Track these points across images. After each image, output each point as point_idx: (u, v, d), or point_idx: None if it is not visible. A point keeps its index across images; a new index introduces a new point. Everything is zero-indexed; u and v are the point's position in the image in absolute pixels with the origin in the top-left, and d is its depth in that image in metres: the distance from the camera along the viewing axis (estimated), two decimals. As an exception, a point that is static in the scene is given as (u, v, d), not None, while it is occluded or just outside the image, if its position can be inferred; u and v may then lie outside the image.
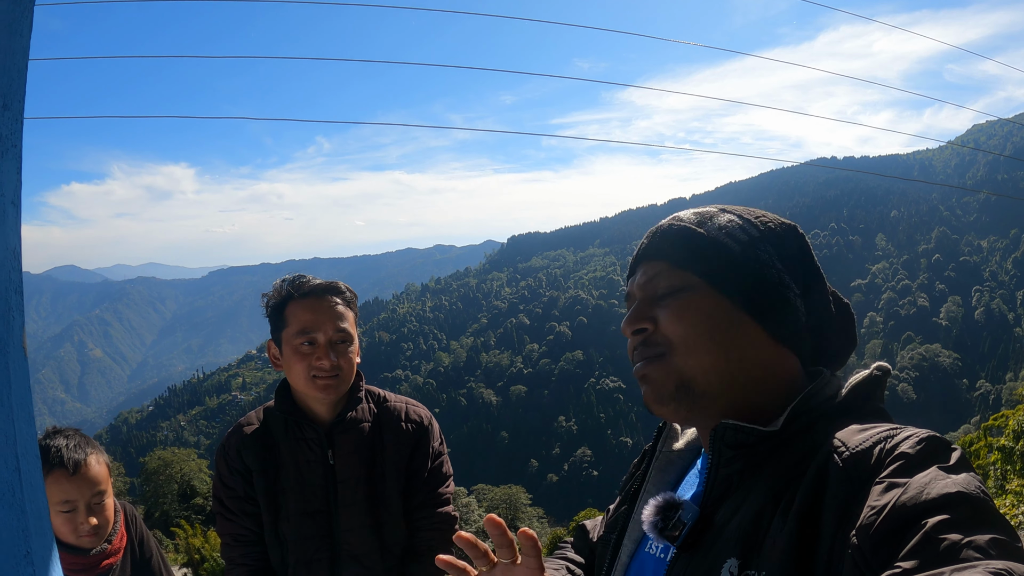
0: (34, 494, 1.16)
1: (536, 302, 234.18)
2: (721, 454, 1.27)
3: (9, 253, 1.17)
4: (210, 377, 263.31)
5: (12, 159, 1.18)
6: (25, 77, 1.22)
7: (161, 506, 42.06)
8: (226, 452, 2.77)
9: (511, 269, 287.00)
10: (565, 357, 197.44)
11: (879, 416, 1.25)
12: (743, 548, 1.13)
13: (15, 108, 1.18)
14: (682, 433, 1.59)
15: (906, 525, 0.93)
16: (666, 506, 1.29)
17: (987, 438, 10.60)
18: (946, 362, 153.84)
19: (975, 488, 0.96)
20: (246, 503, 2.72)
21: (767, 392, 1.30)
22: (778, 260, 1.36)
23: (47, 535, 1.20)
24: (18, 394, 1.15)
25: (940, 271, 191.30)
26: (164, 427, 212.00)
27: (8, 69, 1.16)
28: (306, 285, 2.69)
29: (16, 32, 1.18)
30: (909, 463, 1.02)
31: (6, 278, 1.15)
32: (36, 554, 1.14)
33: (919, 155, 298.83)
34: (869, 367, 1.34)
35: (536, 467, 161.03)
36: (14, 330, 1.16)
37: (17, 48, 1.18)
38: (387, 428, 2.80)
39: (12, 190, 1.18)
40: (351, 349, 2.70)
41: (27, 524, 1.13)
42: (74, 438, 2.68)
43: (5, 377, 1.13)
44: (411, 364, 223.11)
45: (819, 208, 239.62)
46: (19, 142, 1.20)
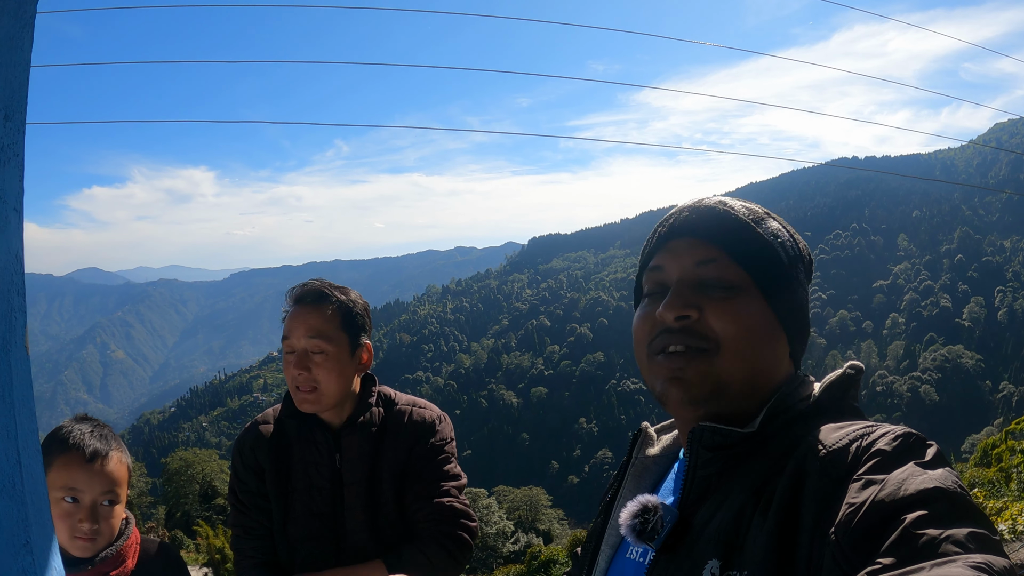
0: (35, 486, 1.19)
1: (557, 304, 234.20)
2: (699, 456, 1.27)
3: (12, 257, 1.21)
4: (231, 378, 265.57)
5: (14, 168, 1.22)
6: (27, 89, 1.25)
7: (182, 506, 42.66)
8: (241, 448, 2.81)
9: (532, 271, 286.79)
10: (586, 359, 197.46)
11: (854, 414, 1.26)
12: (724, 548, 1.13)
13: (17, 119, 1.22)
14: (658, 440, 1.58)
15: (885, 521, 0.94)
16: (643, 509, 1.28)
17: (1009, 441, 10.84)
18: (969, 363, 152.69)
19: (952, 483, 0.97)
20: (258, 498, 2.76)
21: (755, 398, 1.29)
22: (806, 281, 1.39)
23: (47, 526, 1.24)
24: (20, 391, 1.19)
25: (963, 271, 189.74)
26: (186, 428, 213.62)
27: (10, 81, 1.20)
28: (294, 293, 2.68)
29: (17, 46, 1.21)
30: (886, 460, 1.03)
31: (8, 281, 1.19)
32: (36, 544, 1.17)
33: (940, 154, 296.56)
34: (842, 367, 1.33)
35: (557, 469, 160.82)
36: (16, 330, 1.20)
37: (18, 61, 1.22)
38: (390, 431, 2.78)
39: (14, 197, 1.22)
40: (327, 361, 2.60)
41: (27, 514, 1.16)
42: (102, 429, 2.44)
43: (7, 374, 1.17)
44: (432, 366, 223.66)
45: (840, 209, 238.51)
46: (21, 151, 1.25)
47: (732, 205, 1.39)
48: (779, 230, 1.38)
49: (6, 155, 1.20)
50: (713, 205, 1.38)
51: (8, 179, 1.21)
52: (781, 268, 1.33)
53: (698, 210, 1.38)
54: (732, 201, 1.40)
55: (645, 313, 1.37)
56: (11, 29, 1.20)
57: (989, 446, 11.01)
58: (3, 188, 1.20)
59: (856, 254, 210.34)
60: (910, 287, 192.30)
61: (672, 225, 1.40)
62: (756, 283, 1.31)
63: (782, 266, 1.33)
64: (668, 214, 1.44)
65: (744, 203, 1.41)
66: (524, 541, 39.17)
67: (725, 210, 1.37)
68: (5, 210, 1.20)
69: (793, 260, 1.36)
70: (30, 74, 1.26)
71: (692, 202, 1.41)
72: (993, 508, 9.17)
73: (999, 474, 11.47)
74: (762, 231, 1.35)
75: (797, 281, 1.36)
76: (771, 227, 1.37)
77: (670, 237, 1.39)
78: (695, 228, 1.36)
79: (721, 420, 1.27)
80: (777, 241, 1.35)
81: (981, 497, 9.95)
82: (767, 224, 1.37)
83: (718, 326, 1.27)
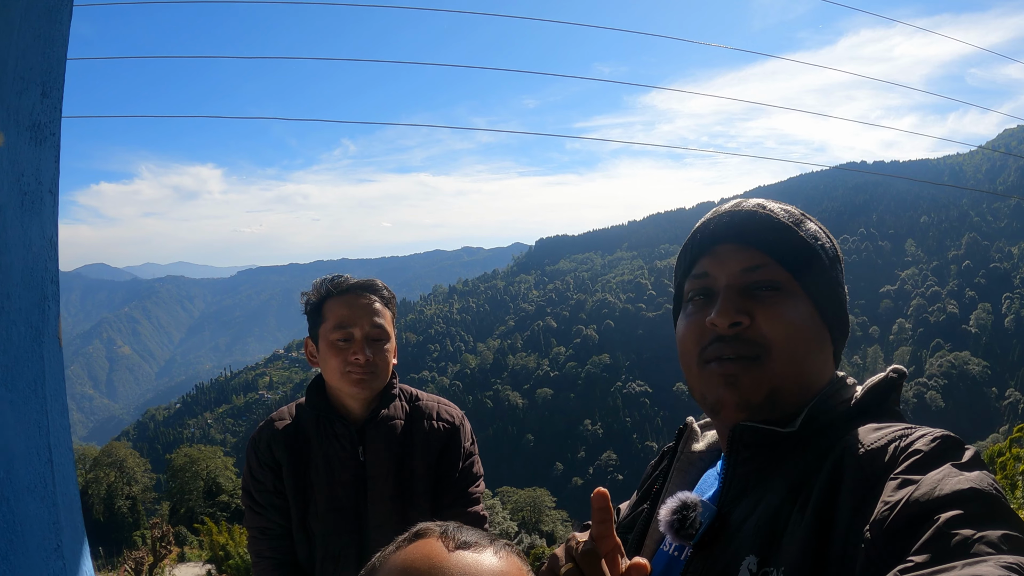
0: (66, 486, 1.16)
1: (563, 305, 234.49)
2: (738, 454, 1.28)
3: (46, 242, 1.19)
4: (237, 375, 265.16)
5: (51, 148, 1.20)
6: (64, 65, 1.22)
7: (187, 502, 42.80)
8: (257, 446, 2.81)
9: (539, 272, 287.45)
10: (591, 360, 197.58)
11: (895, 417, 1.26)
12: (761, 545, 1.14)
13: (54, 96, 1.20)
14: (702, 435, 1.59)
15: (919, 520, 0.94)
16: (683, 506, 1.28)
17: (1015, 449, 10.78)
18: (975, 370, 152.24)
19: (988, 485, 0.97)
20: (275, 497, 2.74)
21: (803, 399, 1.29)
22: (843, 281, 1.39)
23: (78, 528, 1.21)
24: (52, 384, 1.16)
25: (970, 277, 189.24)
26: (191, 424, 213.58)
27: (47, 56, 1.17)
28: (345, 283, 2.74)
29: (56, 19, 1.18)
30: (923, 460, 1.03)
31: (43, 267, 1.17)
32: (67, 547, 1.15)
33: (949, 160, 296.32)
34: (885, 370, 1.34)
35: (561, 470, 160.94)
36: (50, 320, 1.18)
37: (56, 35, 1.19)
38: (418, 426, 2.82)
39: (50, 179, 1.20)
40: (387, 347, 2.73)
41: (58, 517, 1.13)
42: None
43: (39, 366, 1.14)
44: (438, 365, 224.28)
45: (848, 213, 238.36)
46: (58, 130, 1.22)
47: (772, 208, 1.38)
48: (818, 232, 1.39)
49: (42, 134, 1.18)
50: (753, 209, 1.38)
51: (44, 159, 1.18)
52: (824, 269, 1.34)
53: (739, 214, 1.38)
54: (771, 204, 1.40)
55: (694, 321, 1.36)
56: (51, 0, 1.17)
57: (994, 454, 10.92)
58: (39, 169, 1.17)
59: (864, 259, 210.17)
60: (917, 293, 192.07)
61: (713, 231, 1.39)
62: (802, 286, 1.31)
63: (824, 267, 1.34)
64: (705, 219, 1.44)
65: (782, 205, 1.41)
66: (527, 542, 39.11)
67: (766, 214, 1.36)
68: (40, 191, 1.17)
69: (833, 261, 1.37)
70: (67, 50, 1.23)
71: (730, 206, 1.41)
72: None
73: (1004, 482, 11.44)
74: (804, 233, 1.35)
75: (837, 281, 1.36)
76: (811, 229, 1.38)
77: (713, 243, 1.39)
78: (739, 233, 1.36)
79: (762, 419, 1.27)
80: (817, 243, 1.36)
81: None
82: (807, 226, 1.38)
83: (769, 331, 1.27)
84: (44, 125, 1.17)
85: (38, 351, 1.14)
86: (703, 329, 1.33)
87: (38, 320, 1.15)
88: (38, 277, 1.16)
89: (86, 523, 1.20)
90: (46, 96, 1.17)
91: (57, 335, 1.20)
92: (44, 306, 1.16)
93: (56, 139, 1.21)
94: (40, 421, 1.13)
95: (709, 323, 1.31)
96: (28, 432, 1.13)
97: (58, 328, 1.20)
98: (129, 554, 10.98)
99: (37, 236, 1.17)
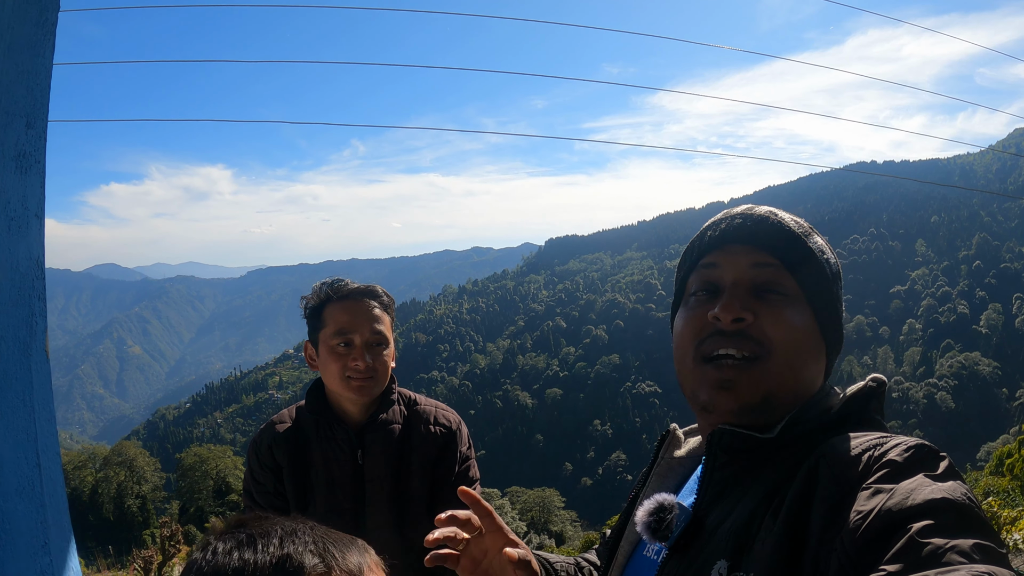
0: (53, 489, 1.22)
1: (573, 305, 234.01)
2: (716, 458, 1.29)
3: (32, 263, 1.24)
4: (247, 375, 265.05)
5: (36, 175, 1.25)
6: (48, 96, 1.27)
7: (196, 502, 42.98)
8: (258, 448, 2.84)
9: (548, 272, 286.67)
10: (601, 361, 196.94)
11: (874, 426, 1.27)
12: (734, 550, 1.14)
13: (39, 127, 1.25)
14: (685, 441, 1.60)
15: (891, 529, 0.95)
16: (659, 508, 1.30)
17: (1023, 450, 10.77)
18: (986, 371, 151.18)
19: (961, 495, 0.98)
20: (275, 499, 2.78)
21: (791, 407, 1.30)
22: (842, 298, 1.40)
23: (65, 528, 1.26)
24: (40, 394, 1.22)
25: (980, 278, 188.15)
26: (201, 424, 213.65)
27: (31, 89, 1.23)
28: (345, 288, 2.76)
29: (39, 53, 1.23)
30: (896, 470, 1.04)
31: (29, 286, 1.22)
32: (54, 545, 1.21)
33: (959, 160, 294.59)
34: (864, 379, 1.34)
35: (570, 470, 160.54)
36: (37, 335, 1.23)
37: (40, 68, 1.24)
38: (416, 430, 2.85)
39: (36, 203, 1.25)
40: (386, 352, 2.76)
41: (46, 517, 1.19)
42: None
43: (27, 378, 1.20)
44: (447, 366, 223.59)
45: (858, 213, 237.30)
46: (43, 158, 1.27)
47: (783, 217, 1.40)
48: (824, 246, 1.40)
49: (28, 162, 1.23)
50: (765, 215, 1.39)
51: (30, 185, 1.23)
52: (827, 282, 1.36)
53: (752, 218, 1.39)
54: (782, 213, 1.41)
55: (694, 314, 1.37)
56: (33, 36, 1.22)
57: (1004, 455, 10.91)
58: (25, 194, 1.22)
59: (874, 259, 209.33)
60: (927, 293, 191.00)
61: (725, 230, 1.40)
62: (805, 295, 1.32)
63: (827, 280, 1.36)
64: (716, 219, 1.45)
65: (792, 216, 1.42)
66: (536, 542, 39.15)
67: (777, 220, 1.38)
68: (27, 216, 1.22)
69: (835, 277, 1.39)
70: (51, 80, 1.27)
71: (743, 209, 1.42)
72: (1008, 517, 9.13)
73: (1014, 483, 11.42)
74: (812, 245, 1.37)
75: (837, 297, 1.38)
76: (818, 242, 1.39)
77: (724, 241, 1.39)
78: (751, 235, 1.37)
79: (748, 424, 1.28)
80: (823, 257, 1.37)
81: (996, 506, 9.89)
82: (814, 239, 1.39)
83: (772, 332, 1.28)
84: (29, 154, 1.22)
85: (26, 364, 1.19)
86: (703, 323, 1.34)
87: (26, 336, 1.20)
88: (25, 295, 1.21)
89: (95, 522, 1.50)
90: (31, 127, 1.22)
91: (44, 349, 1.25)
92: (32, 322, 1.21)
93: (41, 167, 1.26)
94: (29, 428, 1.18)
95: (712, 316, 1.32)
96: (17, 439, 1.19)
97: (45, 343, 1.25)
98: (138, 553, 11.01)
99: (24, 257, 1.21)
